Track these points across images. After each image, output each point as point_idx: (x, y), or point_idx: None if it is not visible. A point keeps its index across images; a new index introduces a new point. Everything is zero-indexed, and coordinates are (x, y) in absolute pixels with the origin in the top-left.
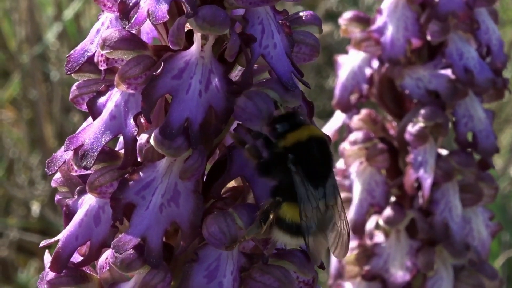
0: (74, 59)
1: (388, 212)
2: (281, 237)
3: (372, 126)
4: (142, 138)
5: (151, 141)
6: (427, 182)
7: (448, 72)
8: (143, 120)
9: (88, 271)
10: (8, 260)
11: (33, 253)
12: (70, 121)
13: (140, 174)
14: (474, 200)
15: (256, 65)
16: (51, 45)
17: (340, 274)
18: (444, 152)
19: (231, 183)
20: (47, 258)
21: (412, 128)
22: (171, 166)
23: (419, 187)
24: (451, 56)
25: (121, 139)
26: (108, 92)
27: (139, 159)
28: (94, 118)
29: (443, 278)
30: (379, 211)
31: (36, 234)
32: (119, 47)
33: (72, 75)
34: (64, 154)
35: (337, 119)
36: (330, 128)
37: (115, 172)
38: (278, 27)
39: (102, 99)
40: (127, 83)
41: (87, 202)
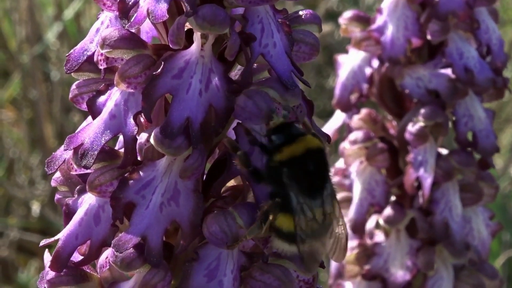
0: (73, 58)
1: (388, 211)
2: (280, 245)
3: (372, 125)
4: (142, 137)
5: (151, 140)
6: (427, 182)
7: (448, 71)
8: (142, 119)
9: (88, 270)
10: (8, 260)
11: (33, 253)
12: (71, 121)
13: (140, 173)
14: (474, 200)
15: (256, 64)
16: (51, 45)
17: (340, 274)
18: (444, 151)
19: (231, 182)
20: (47, 258)
21: (412, 128)
22: (171, 165)
23: (419, 187)
24: (451, 55)
25: (121, 138)
26: (108, 91)
27: (139, 158)
28: (94, 117)
29: (443, 278)
30: (379, 211)
31: (36, 234)
32: (118, 46)
33: (71, 74)
34: (64, 153)
35: (337, 119)
36: (330, 127)
37: (115, 171)
38: (277, 26)
39: (102, 98)
40: (127, 82)
41: (87, 201)
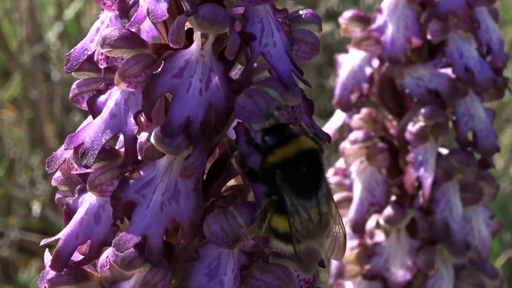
0: (74, 57)
1: (389, 211)
2: (278, 244)
3: (372, 125)
4: (142, 137)
5: (152, 139)
6: (428, 181)
7: (448, 71)
8: (143, 118)
9: (88, 270)
10: (9, 260)
11: (34, 253)
12: (71, 121)
13: (141, 172)
14: (474, 199)
15: (256, 63)
16: (52, 45)
17: (340, 273)
18: (444, 151)
19: (231, 182)
20: (48, 257)
21: (412, 127)
22: (172, 164)
23: (420, 186)
24: (451, 55)
25: (121, 137)
26: (108, 91)
27: (139, 158)
28: (94, 117)
29: (444, 277)
30: (379, 210)
31: (37, 234)
32: (119, 46)
33: (72, 73)
34: (64, 153)
35: (337, 118)
36: (330, 127)
37: (115, 171)
38: (277, 26)
39: (102, 98)
40: (127, 81)
41: (88, 200)
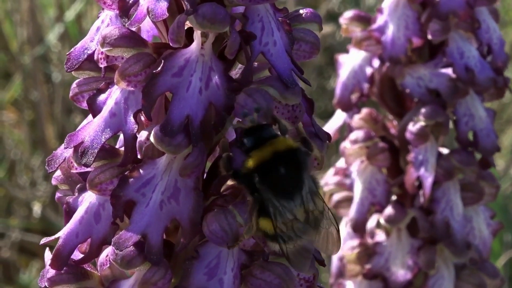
0: (74, 57)
1: (389, 211)
2: (271, 245)
3: (373, 125)
4: (142, 136)
5: (151, 138)
6: (428, 181)
7: (449, 71)
8: (143, 117)
9: (88, 269)
10: (10, 261)
11: (34, 254)
12: (72, 122)
13: (140, 171)
14: (475, 199)
15: (256, 62)
16: (52, 46)
17: (341, 273)
18: (445, 151)
19: (231, 181)
20: (48, 256)
21: (413, 127)
22: (171, 163)
23: (420, 186)
24: (452, 55)
25: (121, 136)
26: (108, 90)
27: (139, 157)
28: (94, 116)
29: (444, 277)
30: (380, 210)
31: (37, 235)
32: (119, 45)
33: (72, 73)
34: (64, 152)
35: (338, 118)
36: (331, 127)
37: (115, 170)
38: (278, 25)
39: (102, 97)
40: (127, 80)
41: (87, 199)
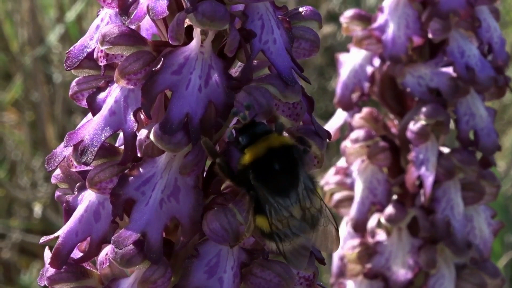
0: (73, 55)
1: (390, 210)
2: (269, 243)
3: (373, 124)
4: (142, 134)
5: (151, 136)
6: (429, 180)
7: (449, 70)
8: (142, 115)
9: (88, 267)
10: (10, 262)
11: (35, 254)
12: (73, 123)
13: (140, 169)
14: (476, 198)
15: (256, 60)
16: (53, 47)
17: (342, 273)
18: (445, 150)
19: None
20: (47, 255)
21: (413, 126)
22: (171, 161)
23: (421, 185)
24: (452, 54)
25: (121, 135)
26: (108, 88)
27: (139, 155)
28: (94, 114)
29: (445, 276)
30: (380, 209)
31: (38, 236)
32: (118, 43)
33: (71, 71)
34: (64, 150)
35: (338, 117)
36: (331, 126)
37: (115, 168)
38: (277, 23)
39: (101, 95)
40: (127, 78)
41: (87, 198)
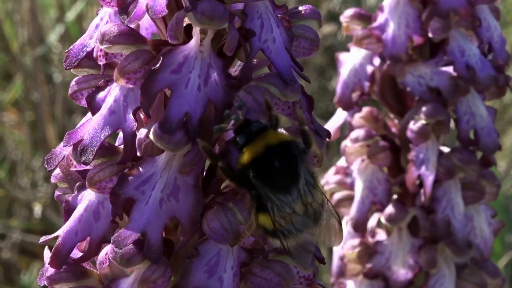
0: (73, 54)
1: (390, 209)
2: (272, 241)
3: (373, 123)
4: (141, 133)
5: (151, 135)
6: (429, 180)
7: (449, 69)
8: (142, 115)
9: (88, 267)
10: (10, 262)
11: (35, 255)
12: (73, 123)
13: (140, 169)
14: (476, 198)
15: (255, 59)
16: (53, 47)
17: (342, 272)
18: (446, 149)
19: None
20: (47, 254)
21: (413, 126)
22: (171, 161)
23: (421, 185)
24: (452, 53)
25: (120, 134)
26: (107, 87)
27: (138, 154)
28: (93, 113)
29: (445, 276)
30: (381, 209)
31: (38, 236)
32: (118, 42)
33: (71, 70)
34: (64, 150)
35: (338, 117)
36: (331, 125)
37: (114, 167)
38: (277, 21)
39: (101, 94)
40: (126, 77)
41: (87, 197)
